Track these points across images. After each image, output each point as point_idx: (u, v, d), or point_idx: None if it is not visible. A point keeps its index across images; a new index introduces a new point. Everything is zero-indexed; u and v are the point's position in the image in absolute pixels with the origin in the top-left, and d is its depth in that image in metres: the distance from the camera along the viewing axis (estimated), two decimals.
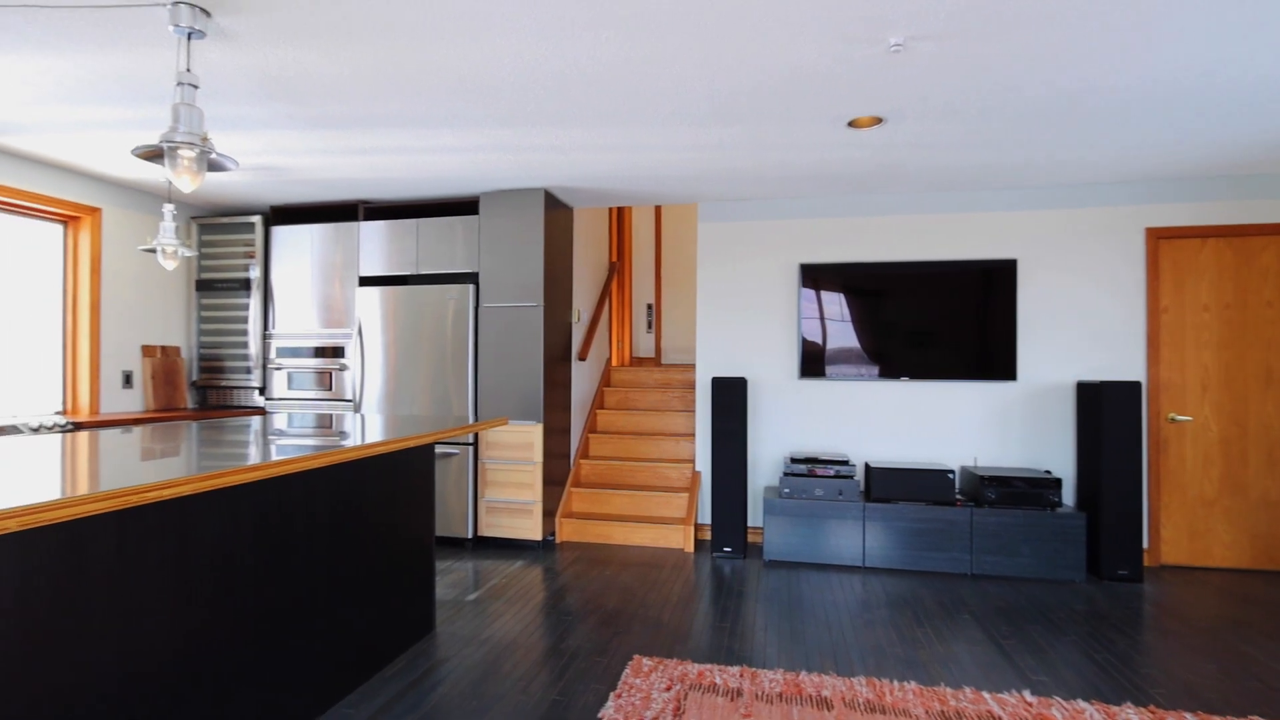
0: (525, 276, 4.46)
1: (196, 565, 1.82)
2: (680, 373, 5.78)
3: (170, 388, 4.88)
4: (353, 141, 3.57)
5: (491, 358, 4.51)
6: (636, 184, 4.32)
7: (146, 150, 2.21)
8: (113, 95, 2.99)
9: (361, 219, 4.81)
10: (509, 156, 3.81)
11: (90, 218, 4.37)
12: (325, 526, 2.36)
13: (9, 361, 4.03)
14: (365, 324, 4.70)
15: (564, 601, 3.51)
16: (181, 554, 1.78)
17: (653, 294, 6.89)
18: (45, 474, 1.50)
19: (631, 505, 4.81)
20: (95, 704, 1.55)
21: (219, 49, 2.53)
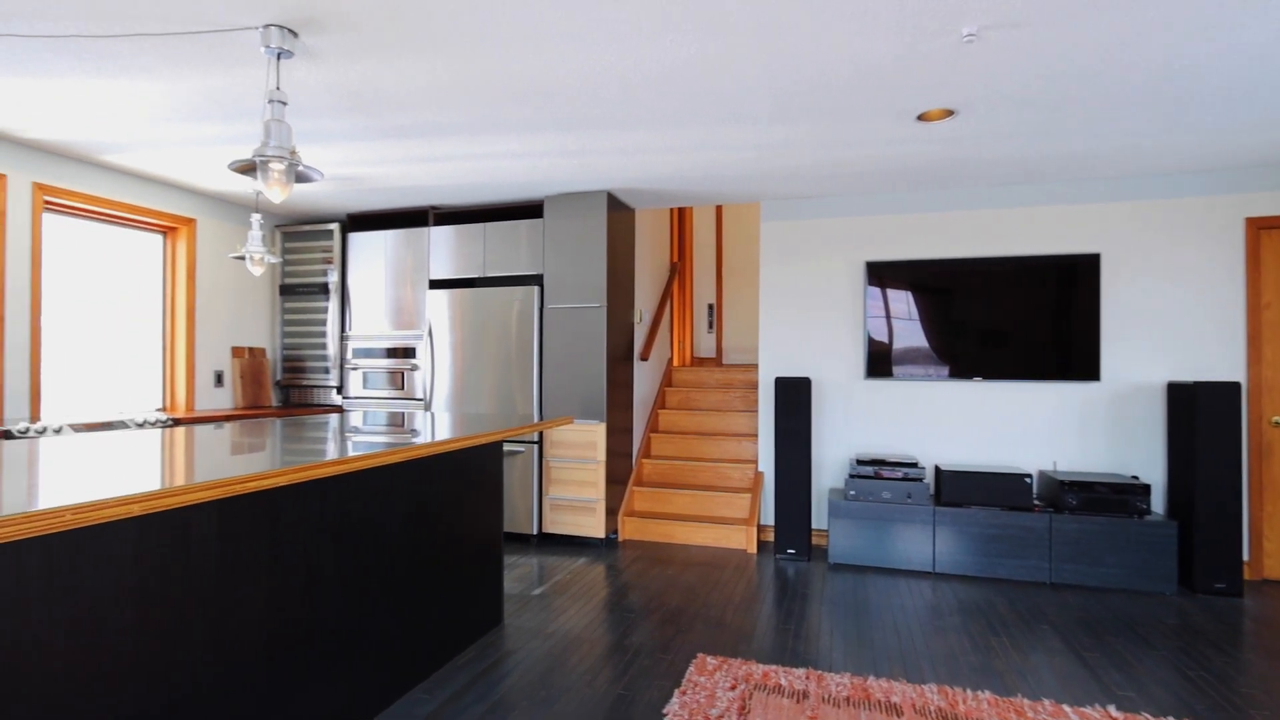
0: (588, 278, 4.53)
1: (286, 554, 1.94)
2: (742, 373, 5.74)
3: (257, 386, 5.18)
4: (424, 150, 3.71)
5: (556, 358, 4.60)
6: (698, 184, 4.33)
7: (241, 164, 2.36)
8: (208, 113, 3.20)
9: (431, 224, 4.99)
10: (572, 160, 3.87)
11: (186, 228, 4.69)
12: (401, 521, 2.46)
13: (116, 362, 4.37)
14: (435, 325, 4.86)
15: (627, 599, 3.55)
16: (273, 543, 1.90)
17: (714, 294, 6.88)
18: (154, 465, 1.63)
19: (693, 505, 4.81)
20: (198, 676, 1.67)
21: (304, 67, 2.68)
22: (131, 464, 1.63)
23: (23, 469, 1.53)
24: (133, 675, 1.51)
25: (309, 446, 2.06)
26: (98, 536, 1.43)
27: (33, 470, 1.52)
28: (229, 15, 2.28)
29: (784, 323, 4.73)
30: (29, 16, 2.31)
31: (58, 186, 3.89)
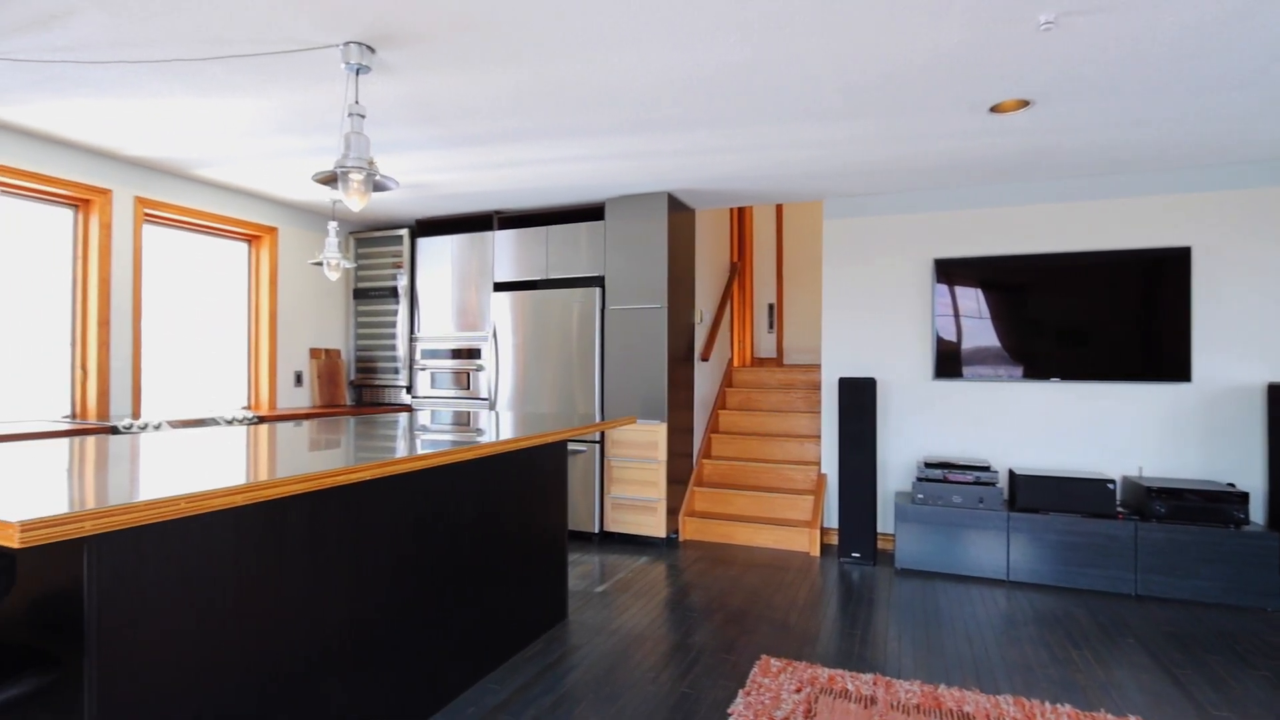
0: (649, 279, 4.56)
1: (369, 546, 2.04)
2: (804, 373, 5.67)
3: (333, 386, 5.43)
4: (490, 157, 3.81)
5: (617, 358, 4.65)
6: (760, 183, 4.30)
7: (323, 175, 2.49)
8: (290, 127, 3.38)
9: (496, 228, 5.12)
10: (634, 163, 3.91)
11: (269, 236, 4.95)
12: (473, 517, 2.54)
13: (207, 363, 4.65)
14: (499, 327, 4.99)
15: (689, 598, 3.56)
16: (357, 536, 1.99)
17: (774, 294, 6.81)
18: (249, 459, 1.74)
19: (754, 506, 4.78)
20: (292, 660, 1.77)
21: (380, 81, 2.80)
22: (228, 458, 1.74)
23: (136, 462, 1.66)
24: (237, 658, 1.62)
25: (385, 444, 2.15)
26: (205, 526, 1.53)
27: (144, 464, 1.65)
28: (314, 35, 2.41)
29: (848, 322, 4.64)
30: (138, 44, 2.50)
31: (156, 200, 4.17)
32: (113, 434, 3.40)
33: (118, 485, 1.31)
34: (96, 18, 2.32)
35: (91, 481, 1.36)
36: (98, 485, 1.32)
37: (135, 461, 1.68)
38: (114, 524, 1.09)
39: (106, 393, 3.91)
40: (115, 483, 1.35)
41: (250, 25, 2.35)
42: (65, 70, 2.76)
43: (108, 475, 1.45)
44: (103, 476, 1.43)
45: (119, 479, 1.40)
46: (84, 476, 1.43)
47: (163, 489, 1.25)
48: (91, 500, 1.14)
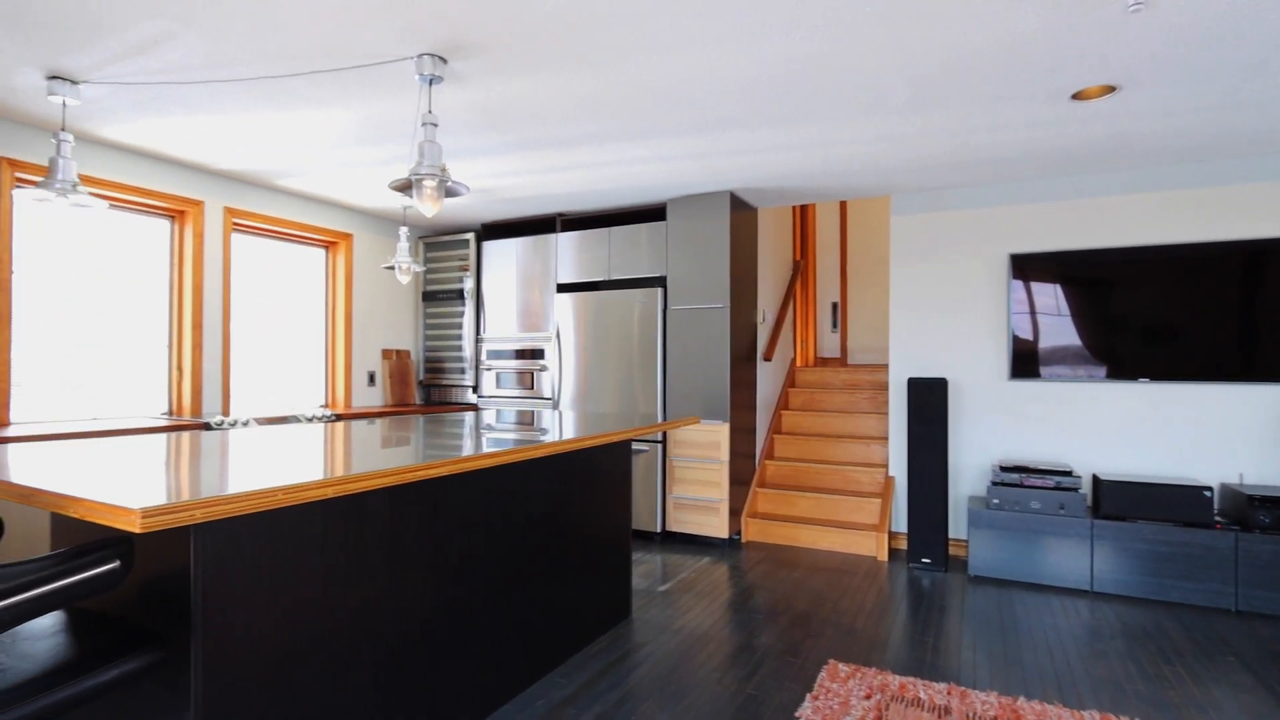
0: (711, 278, 4.54)
1: (443, 541, 2.11)
2: (869, 373, 5.54)
3: (403, 386, 5.63)
4: (554, 161, 3.88)
5: (679, 358, 4.65)
6: (825, 180, 4.23)
7: (399, 183, 2.59)
8: (365, 137, 3.52)
9: (559, 231, 5.20)
10: (696, 163, 3.91)
11: (344, 242, 5.18)
12: (538, 515, 2.60)
13: (287, 363, 4.90)
14: (562, 328, 5.06)
15: (752, 600, 3.53)
16: (432, 530, 2.06)
17: (838, 292, 6.67)
18: (332, 455, 1.82)
19: (819, 508, 4.70)
20: (373, 647, 1.85)
21: (450, 90, 2.89)
22: (313, 454, 1.83)
23: (227, 457, 1.77)
24: (325, 644, 1.70)
25: (456, 442, 2.22)
26: (296, 516, 1.62)
27: (240, 458, 1.75)
28: (390, 48, 2.51)
29: (916, 321, 4.51)
30: (229, 64, 2.66)
31: (243, 209, 4.42)
32: (206, 430, 3.62)
33: (220, 477, 1.40)
34: (192, 42, 2.48)
35: (196, 473, 1.46)
36: (202, 477, 1.41)
37: (227, 456, 1.79)
38: (220, 512, 1.16)
39: (199, 391, 4.17)
40: (217, 475, 1.44)
41: (332, 41, 2.47)
42: (164, 91, 2.96)
43: (209, 468, 1.55)
44: (204, 469, 1.53)
45: (220, 472, 1.49)
46: (187, 469, 1.53)
47: (260, 481, 1.33)
48: (199, 491, 1.22)
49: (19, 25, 2.39)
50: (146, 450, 1.89)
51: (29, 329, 3.53)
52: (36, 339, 3.56)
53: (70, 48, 2.56)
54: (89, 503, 1.12)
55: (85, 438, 3.14)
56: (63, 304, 3.67)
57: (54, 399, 3.62)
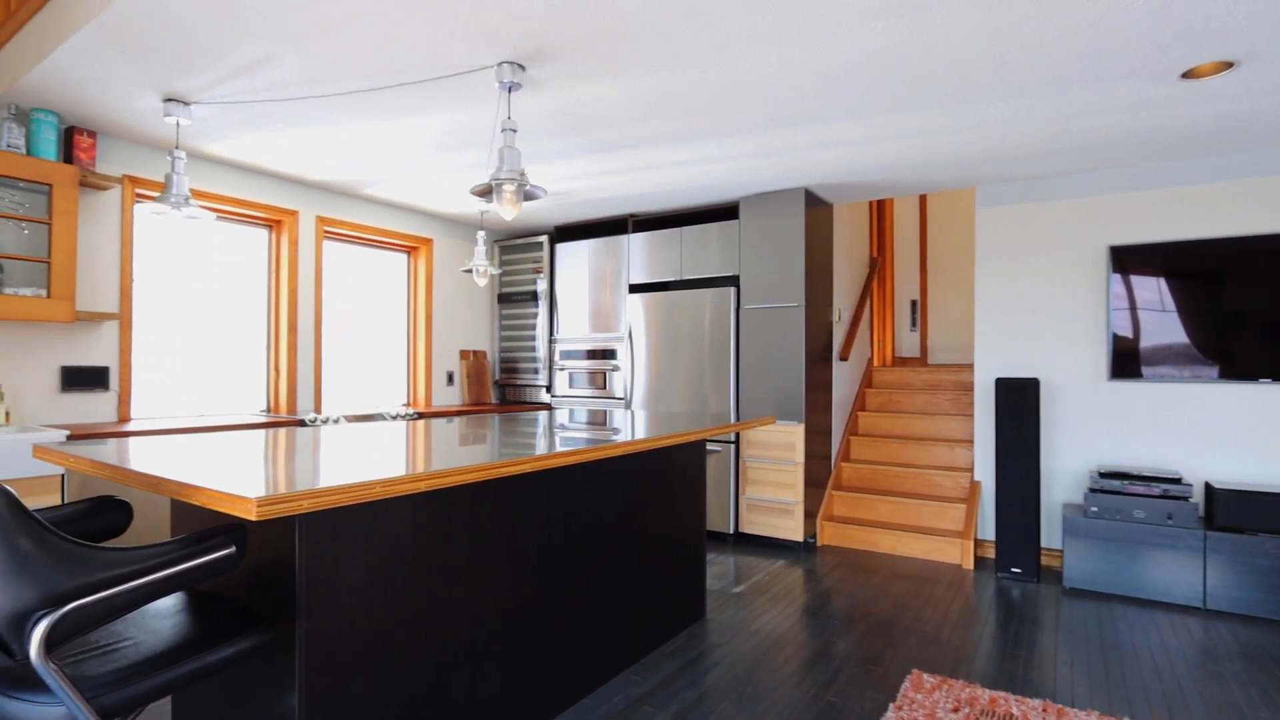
0: (785, 277, 4.47)
1: (522, 536, 2.16)
2: (952, 373, 5.32)
3: (479, 385, 5.79)
4: (627, 162, 3.91)
5: (752, 358, 4.60)
6: (905, 173, 4.09)
7: (480, 188, 2.67)
8: (445, 145, 3.65)
9: (630, 231, 5.24)
10: (770, 160, 3.85)
11: (425, 247, 5.38)
12: (614, 513, 2.62)
13: (373, 364, 5.13)
14: (634, 328, 5.09)
15: (830, 605, 3.45)
16: (513, 526, 2.11)
17: (917, 289, 6.44)
18: (417, 451, 1.89)
19: (898, 513, 4.55)
20: (457, 638, 1.91)
21: (528, 96, 2.96)
22: (400, 450, 1.91)
23: (328, 451, 1.86)
24: (415, 632, 1.77)
25: (533, 440, 2.27)
26: (389, 509, 1.70)
27: (336, 452, 1.84)
28: (472, 58, 2.59)
29: (1004, 318, 4.30)
30: (325, 80, 2.81)
31: (333, 217, 4.66)
32: (301, 426, 3.83)
33: (320, 471, 1.48)
34: (292, 61, 2.64)
35: (300, 467, 1.55)
36: (306, 470, 1.49)
37: (322, 451, 1.89)
38: (324, 503, 1.23)
39: (294, 390, 4.42)
40: (318, 469, 1.52)
41: (419, 55, 2.57)
42: (265, 108, 3.15)
43: (311, 462, 1.64)
44: (307, 463, 1.62)
45: (319, 466, 1.58)
46: (291, 462, 1.63)
47: (358, 475, 1.39)
48: (305, 483, 1.29)
49: (139, 52, 2.60)
50: (251, 445, 2.01)
51: (145, 332, 3.83)
52: (152, 341, 3.86)
53: (184, 71, 2.76)
54: (210, 491, 1.20)
55: (196, 432, 3.39)
56: (174, 309, 3.97)
57: (167, 397, 3.92)
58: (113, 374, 3.59)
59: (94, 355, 3.53)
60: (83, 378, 3.47)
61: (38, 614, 1.11)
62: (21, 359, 3.28)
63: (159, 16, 2.33)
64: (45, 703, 1.18)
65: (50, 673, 1.13)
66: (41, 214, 3.28)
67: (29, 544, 1.11)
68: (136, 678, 1.24)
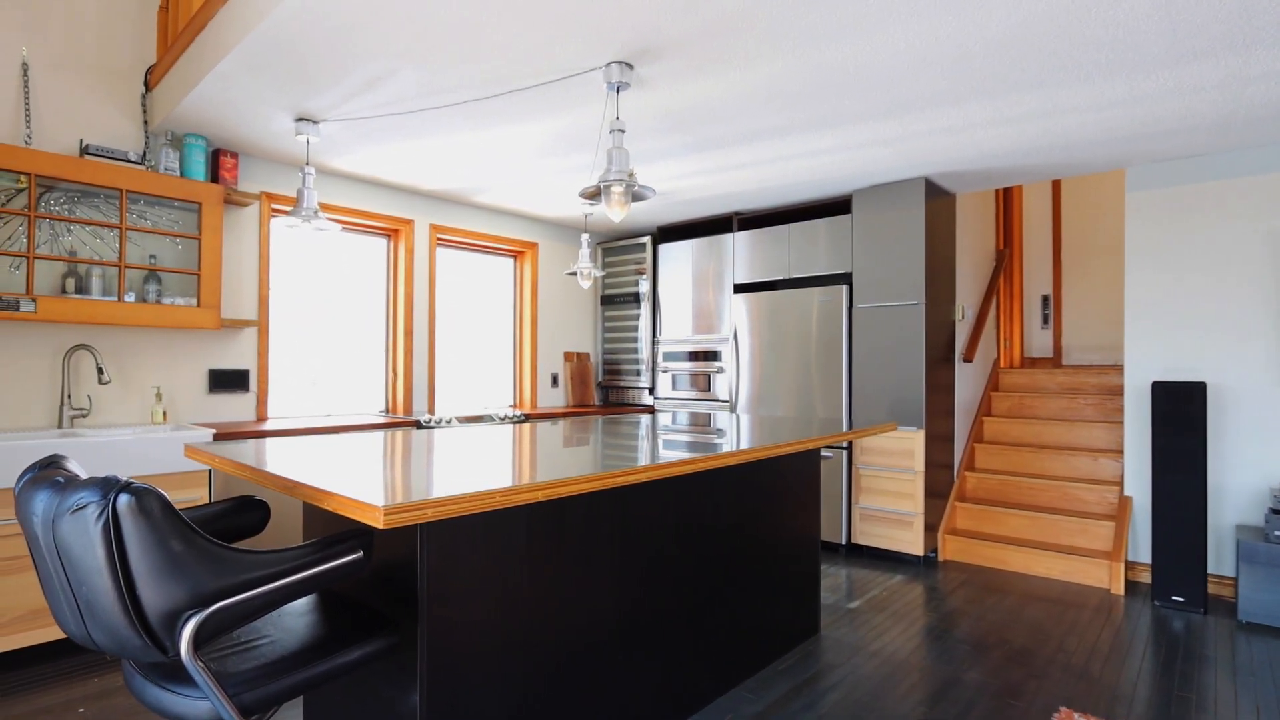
0: (904, 273, 4.20)
1: (634, 544, 2.10)
2: (1093, 375, 4.83)
3: (583, 387, 5.84)
4: (732, 158, 3.79)
5: (866, 359, 4.35)
6: (1043, 156, 3.73)
7: (589, 191, 2.65)
8: (553, 149, 3.67)
9: (735, 230, 5.11)
10: (888, 149, 3.62)
11: (530, 251, 5.48)
12: (725, 523, 2.52)
13: (482, 366, 5.28)
14: (739, 328, 4.96)
15: (957, 628, 3.18)
16: (623, 535, 2.06)
17: (1049, 284, 5.91)
18: (526, 456, 1.87)
19: (1032, 529, 4.16)
20: (570, 644, 1.88)
21: (634, 96, 2.91)
22: (511, 455, 1.90)
23: (445, 456, 1.88)
24: (530, 638, 1.75)
25: (639, 445, 2.20)
26: (507, 517, 1.68)
27: (452, 458, 1.85)
28: (581, 60, 2.57)
29: (1161, 314, 3.83)
30: (439, 92, 2.88)
31: (444, 225, 4.83)
32: (416, 428, 3.98)
33: (442, 478, 1.48)
34: (409, 75, 2.72)
35: (421, 473, 1.56)
36: (427, 477, 1.50)
37: (436, 455, 1.90)
38: (447, 512, 1.21)
39: (410, 391, 4.61)
40: (439, 476, 1.52)
41: (528, 60, 2.58)
42: (384, 122, 3.28)
43: (430, 467, 1.65)
44: (426, 468, 1.63)
45: (439, 472, 1.58)
46: (412, 468, 1.64)
47: (478, 484, 1.38)
48: (429, 491, 1.28)
49: (275, 75, 2.76)
50: (374, 447, 2.07)
51: (280, 337, 4.10)
52: (285, 346, 4.13)
53: (314, 91, 2.91)
54: (340, 498, 1.21)
55: (324, 433, 3.58)
56: (305, 316, 4.23)
57: (298, 397, 4.18)
58: (252, 376, 3.87)
59: (236, 359, 3.81)
60: (227, 380, 3.76)
61: (188, 613, 1.16)
62: (176, 362, 3.59)
63: (288, 44, 2.46)
64: (194, 696, 1.23)
65: (198, 670, 1.17)
66: (192, 230, 3.57)
67: (180, 545, 1.15)
68: (274, 676, 1.28)
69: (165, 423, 3.47)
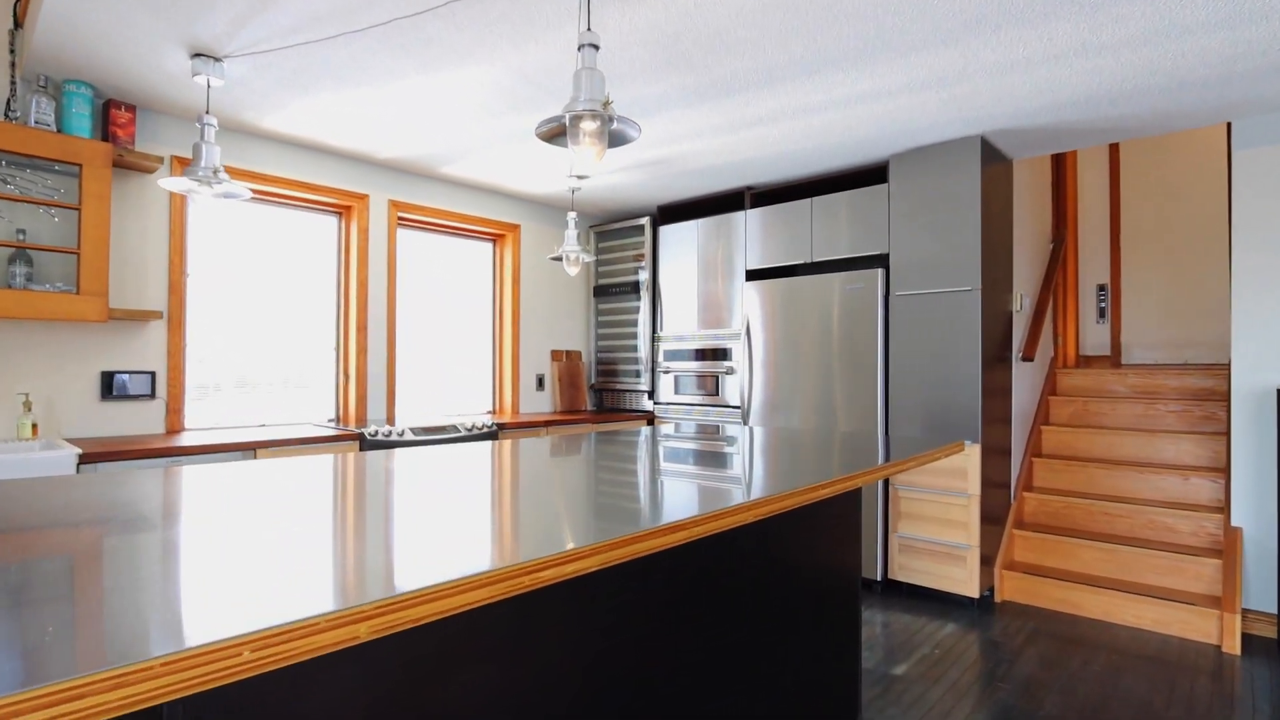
0: (956, 254, 3.45)
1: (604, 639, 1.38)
2: (1171, 376, 4.08)
3: (573, 390, 5.13)
4: (745, 111, 3.07)
5: (906, 357, 3.62)
6: (1136, 101, 2.98)
7: (550, 128, 1.93)
8: (518, 101, 2.96)
9: (747, 207, 4.37)
10: (938, 94, 2.89)
11: (512, 234, 4.77)
12: (740, 584, 1.80)
13: (455, 367, 4.57)
14: (752, 322, 4.23)
15: (1041, 704, 2.45)
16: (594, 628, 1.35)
17: (1106, 271, 5.14)
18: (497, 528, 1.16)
19: (1110, 564, 3.42)
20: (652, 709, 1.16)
21: (615, 9, 2.19)
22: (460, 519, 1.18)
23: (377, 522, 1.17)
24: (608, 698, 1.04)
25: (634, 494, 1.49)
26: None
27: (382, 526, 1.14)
28: None
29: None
30: (357, 10, 2.18)
31: (407, 202, 4.12)
32: (359, 444, 3.28)
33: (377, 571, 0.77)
34: None
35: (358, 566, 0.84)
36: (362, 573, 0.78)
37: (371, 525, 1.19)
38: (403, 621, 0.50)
39: (364, 397, 3.91)
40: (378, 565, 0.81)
41: None
42: (302, 60, 2.58)
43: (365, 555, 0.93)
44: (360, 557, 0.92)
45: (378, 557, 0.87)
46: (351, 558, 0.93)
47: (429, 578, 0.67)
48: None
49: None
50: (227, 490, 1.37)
51: (204, 333, 3.41)
52: (212, 343, 3.44)
53: (197, 7, 2.21)
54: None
55: (249, 449, 2.88)
56: (237, 306, 3.53)
57: (230, 405, 3.49)
58: (160, 380, 3.18)
59: (138, 359, 3.12)
60: (125, 385, 3.07)
61: None
62: (56, 364, 2.90)
63: None
64: None
65: None
66: (73, 199, 2.88)
67: None
68: None
69: (35, 438, 2.78)
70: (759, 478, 1.57)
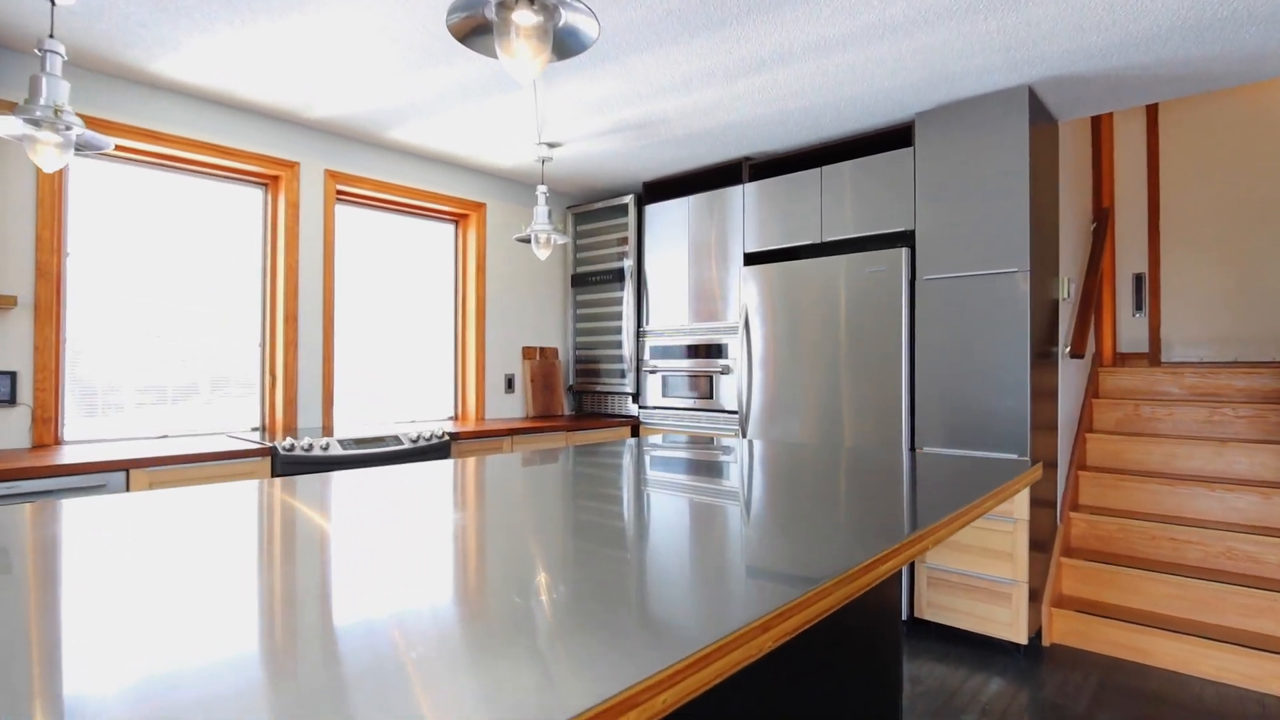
0: (998, 230, 2.88)
1: None
2: (1239, 375, 3.52)
3: (548, 392, 4.54)
4: (745, 48, 2.49)
5: (935, 352, 3.04)
6: (1221, 40, 2.41)
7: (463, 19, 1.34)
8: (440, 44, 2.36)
9: (746, 180, 3.79)
10: (986, 22, 2.31)
11: (476, 214, 4.17)
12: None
13: (409, 366, 3.96)
14: (751, 313, 3.65)
15: None
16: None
17: (1143, 259, 4.59)
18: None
19: (1183, 602, 2.86)
20: None
21: None
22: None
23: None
24: None
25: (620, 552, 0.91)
26: None
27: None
28: None
29: None
30: None
31: (349, 173, 3.52)
32: (273, 460, 2.68)
33: None
34: None
35: None
36: None
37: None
38: None
39: (294, 401, 3.31)
40: None
41: None
42: None
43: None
44: None
45: None
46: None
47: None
48: None
49: None
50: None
51: (100, 326, 2.80)
52: (111, 339, 2.83)
53: None
54: None
55: (120, 468, 2.29)
56: (143, 295, 2.93)
57: (133, 411, 2.88)
58: (24, 382, 2.57)
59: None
60: None
61: None
62: None
63: None
64: None
65: None
66: None
67: None
68: None
69: None
70: (844, 535, 0.98)
